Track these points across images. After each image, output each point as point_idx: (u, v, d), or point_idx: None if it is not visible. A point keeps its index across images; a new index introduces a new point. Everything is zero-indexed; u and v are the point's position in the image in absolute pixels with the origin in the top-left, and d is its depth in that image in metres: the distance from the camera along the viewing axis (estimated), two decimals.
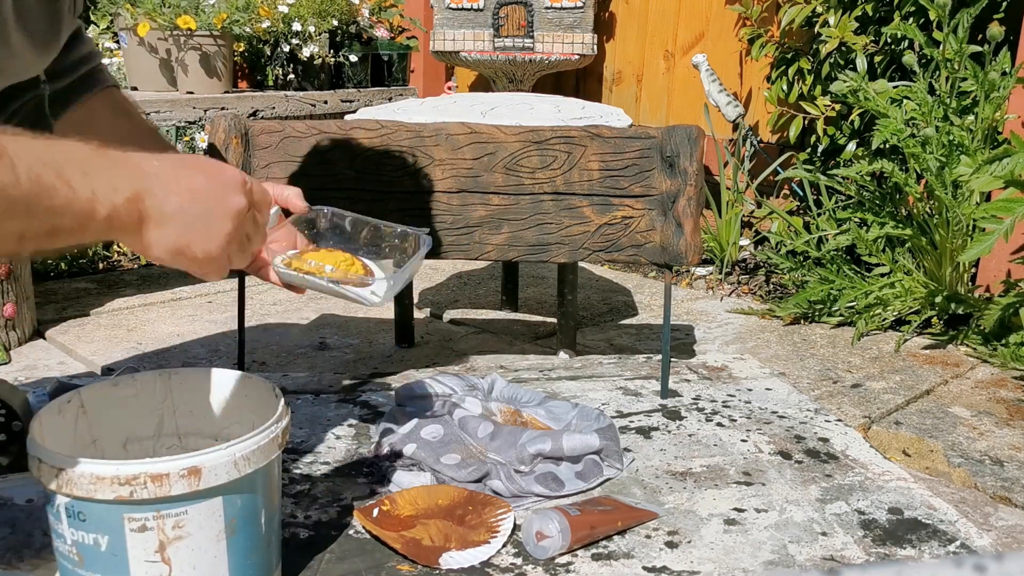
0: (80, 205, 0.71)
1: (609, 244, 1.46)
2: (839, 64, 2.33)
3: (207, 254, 0.81)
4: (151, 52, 2.63)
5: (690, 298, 2.27)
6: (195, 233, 0.79)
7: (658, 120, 3.15)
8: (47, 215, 0.69)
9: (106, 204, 0.72)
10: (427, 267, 2.49)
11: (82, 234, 0.73)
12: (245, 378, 1.02)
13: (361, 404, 1.46)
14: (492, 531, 1.06)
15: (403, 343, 1.87)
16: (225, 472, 0.83)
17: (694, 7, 2.99)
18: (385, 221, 1.10)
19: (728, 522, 1.13)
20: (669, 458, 1.30)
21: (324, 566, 1.02)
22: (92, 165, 0.73)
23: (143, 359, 1.76)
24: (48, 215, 0.69)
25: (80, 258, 2.40)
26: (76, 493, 0.80)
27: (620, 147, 1.44)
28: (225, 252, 0.82)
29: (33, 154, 0.68)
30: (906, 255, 2.04)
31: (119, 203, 0.73)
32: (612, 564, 1.04)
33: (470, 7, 2.91)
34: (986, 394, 1.61)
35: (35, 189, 0.67)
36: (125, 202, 0.74)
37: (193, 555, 0.84)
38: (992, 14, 2.05)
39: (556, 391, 1.53)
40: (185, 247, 0.79)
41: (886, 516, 1.16)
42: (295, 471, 1.24)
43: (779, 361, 1.79)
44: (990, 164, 1.58)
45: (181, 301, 2.15)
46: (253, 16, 2.70)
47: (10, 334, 1.79)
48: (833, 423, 1.44)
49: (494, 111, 1.65)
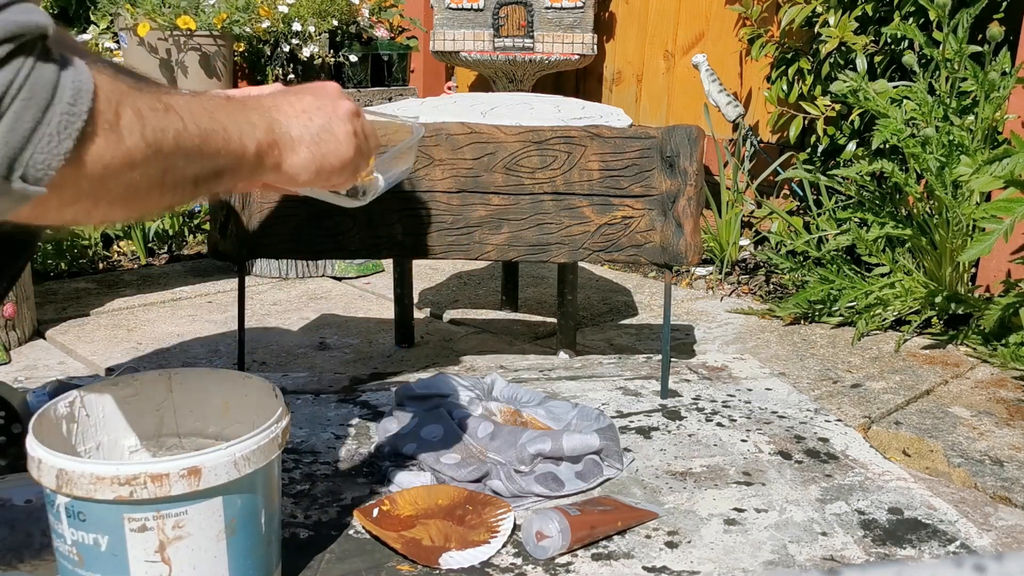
0: (234, 145, 0.77)
1: (609, 244, 1.46)
2: (839, 64, 2.33)
3: (342, 159, 0.87)
4: (151, 52, 2.63)
5: (690, 298, 2.27)
6: (325, 145, 0.85)
7: (658, 120, 3.15)
8: (213, 157, 0.75)
9: (252, 141, 0.79)
10: (427, 267, 2.49)
11: (238, 173, 0.79)
12: (245, 378, 1.02)
13: (361, 404, 1.46)
14: (492, 531, 1.06)
15: (403, 343, 1.87)
16: (225, 472, 0.83)
17: (694, 7, 2.99)
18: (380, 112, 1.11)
19: (728, 522, 1.13)
20: (669, 458, 1.30)
21: (324, 566, 1.02)
22: (229, 109, 0.78)
23: (143, 359, 1.76)
24: (214, 157, 0.75)
25: (80, 258, 2.40)
26: (76, 493, 0.80)
27: (620, 147, 1.44)
28: (355, 152, 0.88)
29: (190, 104, 0.74)
30: (906, 255, 2.04)
31: (260, 138, 0.80)
32: (612, 564, 1.04)
33: (470, 7, 2.91)
34: (986, 394, 1.61)
35: (201, 134, 0.73)
36: (264, 136, 0.80)
37: (193, 555, 0.84)
38: (992, 14, 2.05)
39: (556, 391, 1.52)
40: (322, 161, 0.85)
41: (886, 516, 1.16)
42: (295, 471, 1.24)
43: (779, 361, 1.79)
44: (990, 164, 1.58)
45: (181, 301, 2.15)
46: (253, 16, 2.70)
47: (10, 334, 1.79)
48: (833, 423, 1.44)
49: (494, 111, 1.65)
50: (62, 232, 2.32)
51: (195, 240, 2.65)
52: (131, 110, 0.67)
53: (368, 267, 2.40)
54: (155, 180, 0.70)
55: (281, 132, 0.82)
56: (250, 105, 0.82)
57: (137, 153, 0.67)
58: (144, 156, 0.68)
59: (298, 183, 0.86)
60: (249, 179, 0.82)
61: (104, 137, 0.64)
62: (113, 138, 0.65)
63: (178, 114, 0.71)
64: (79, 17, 3.44)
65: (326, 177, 0.87)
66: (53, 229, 1.83)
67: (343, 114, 0.88)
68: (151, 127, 0.68)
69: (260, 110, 0.82)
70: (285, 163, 0.83)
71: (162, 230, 2.56)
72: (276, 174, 0.83)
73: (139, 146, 0.67)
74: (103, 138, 0.64)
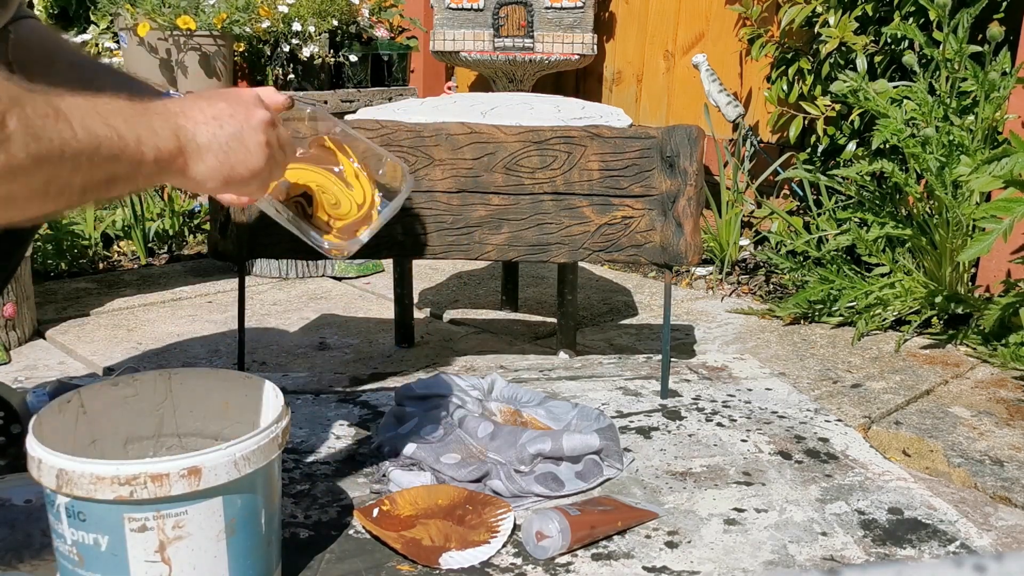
0: (130, 152, 0.75)
1: (609, 244, 1.46)
2: (839, 64, 2.33)
3: (251, 170, 0.85)
4: (151, 52, 2.63)
5: (690, 298, 2.27)
6: (234, 154, 0.84)
7: (658, 120, 3.15)
8: (104, 164, 0.73)
9: (151, 147, 0.77)
10: (427, 267, 2.49)
11: (135, 179, 0.77)
12: (245, 378, 1.02)
13: (361, 404, 1.46)
14: (492, 531, 1.06)
15: (403, 343, 1.87)
16: (225, 472, 0.83)
17: (694, 7, 2.99)
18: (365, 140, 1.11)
19: (728, 522, 1.13)
20: (669, 458, 1.30)
21: (324, 566, 1.02)
22: (130, 114, 0.76)
23: (143, 359, 1.76)
24: (105, 164, 0.73)
25: (80, 258, 2.40)
26: (76, 493, 0.80)
27: (620, 147, 1.44)
28: (267, 163, 0.87)
29: (82, 109, 0.72)
30: (906, 255, 2.04)
31: (161, 145, 0.78)
32: (612, 564, 1.04)
33: (470, 7, 2.91)
34: (986, 394, 1.61)
35: (92, 141, 0.71)
36: (166, 142, 0.78)
37: (193, 555, 0.84)
38: (992, 14, 2.05)
39: (556, 391, 1.52)
40: (230, 171, 0.84)
41: (886, 516, 1.16)
42: (295, 471, 1.24)
43: (779, 361, 1.79)
44: (990, 164, 1.58)
45: (181, 301, 2.15)
46: (253, 16, 2.70)
47: (10, 334, 1.79)
48: (833, 423, 1.44)
49: (494, 111, 1.65)
50: (58, 224, 2.32)
51: (195, 240, 2.65)
52: (16, 118, 0.65)
53: (368, 267, 2.40)
54: (37, 189, 0.69)
55: (187, 139, 0.80)
56: (154, 110, 0.80)
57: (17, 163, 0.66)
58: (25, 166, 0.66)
59: (205, 189, 0.85)
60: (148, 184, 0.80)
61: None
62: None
63: (68, 121, 0.70)
64: (79, 17, 3.44)
65: (235, 186, 0.86)
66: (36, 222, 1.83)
67: (256, 123, 0.86)
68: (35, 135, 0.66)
69: (165, 115, 0.80)
70: (191, 170, 0.81)
71: (162, 230, 2.56)
72: (182, 179, 0.82)
73: (19, 156, 0.66)
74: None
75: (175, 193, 2.59)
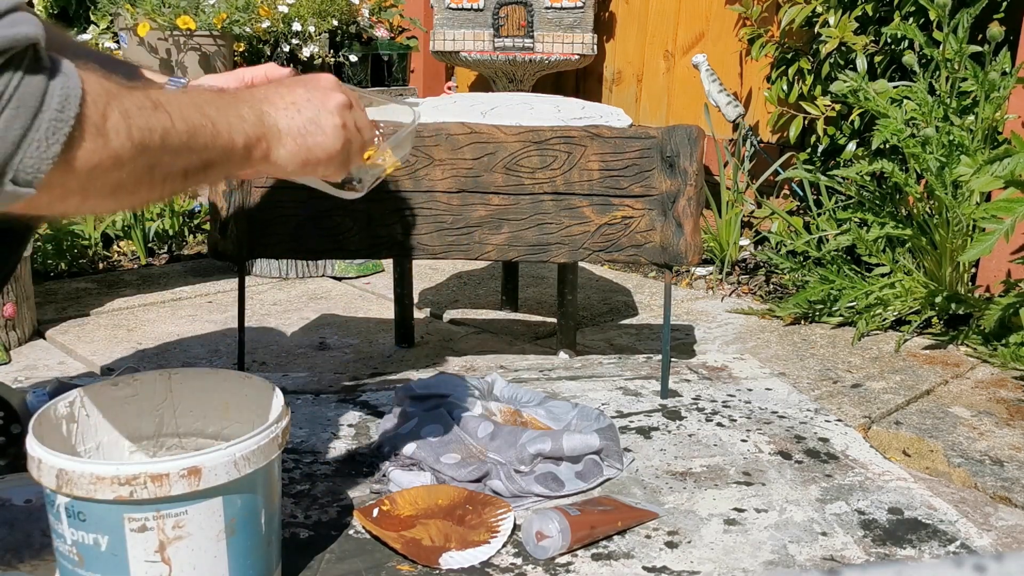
0: (223, 139, 0.79)
1: (609, 244, 1.46)
2: (839, 64, 2.33)
3: (328, 153, 0.88)
4: (151, 52, 2.63)
5: (690, 298, 2.27)
6: (312, 138, 0.87)
7: (658, 120, 3.15)
8: (201, 151, 0.77)
9: (240, 134, 0.81)
10: (427, 267, 2.49)
11: (228, 165, 0.81)
12: (245, 378, 1.02)
13: (361, 404, 1.46)
14: (492, 531, 1.06)
15: (403, 343, 1.87)
16: (225, 472, 0.83)
17: (694, 7, 2.99)
18: (378, 96, 1.11)
19: (728, 522, 1.13)
20: (669, 458, 1.30)
21: (324, 566, 1.02)
22: (219, 103, 0.81)
23: (143, 359, 1.76)
24: (202, 151, 0.77)
25: (80, 258, 2.40)
26: (76, 493, 0.80)
27: (620, 147, 1.44)
28: (343, 145, 0.90)
29: (178, 101, 0.76)
30: (906, 255, 2.04)
31: (249, 131, 0.82)
32: (612, 564, 1.04)
33: (470, 7, 2.91)
34: (986, 394, 1.61)
35: (189, 130, 0.75)
36: (253, 128, 0.82)
37: (193, 555, 0.84)
38: (992, 14, 2.05)
39: (556, 391, 1.52)
40: (308, 154, 0.87)
41: (886, 516, 1.16)
42: (295, 471, 1.24)
43: (779, 361, 1.79)
44: (990, 164, 1.58)
45: (181, 301, 2.15)
46: (253, 16, 2.70)
47: (10, 334, 1.79)
48: (833, 423, 1.44)
49: (494, 111, 1.65)
50: (58, 225, 2.32)
51: (195, 240, 2.65)
52: (118, 111, 0.69)
53: (368, 267, 2.40)
54: (143, 175, 0.72)
55: (270, 124, 0.84)
56: (242, 98, 0.84)
57: (124, 153, 0.70)
58: (131, 155, 0.70)
59: (286, 173, 0.89)
60: (239, 169, 0.84)
61: (91, 140, 0.67)
62: (100, 140, 0.68)
63: (167, 111, 0.73)
64: (79, 17, 3.44)
65: (313, 168, 0.89)
66: (46, 220, 1.85)
67: (333, 107, 0.89)
68: (138, 127, 0.70)
69: (251, 102, 0.84)
70: (272, 154, 0.85)
71: (162, 230, 2.56)
72: (265, 165, 0.86)
73: (125, 146, 0.70)
74: (90, 141, 0.67)
75: None
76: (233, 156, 0.81)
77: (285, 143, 0.85)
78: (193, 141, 0.76)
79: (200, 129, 0.77)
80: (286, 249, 1.46)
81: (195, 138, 0.76)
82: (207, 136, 0.77)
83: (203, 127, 0.77)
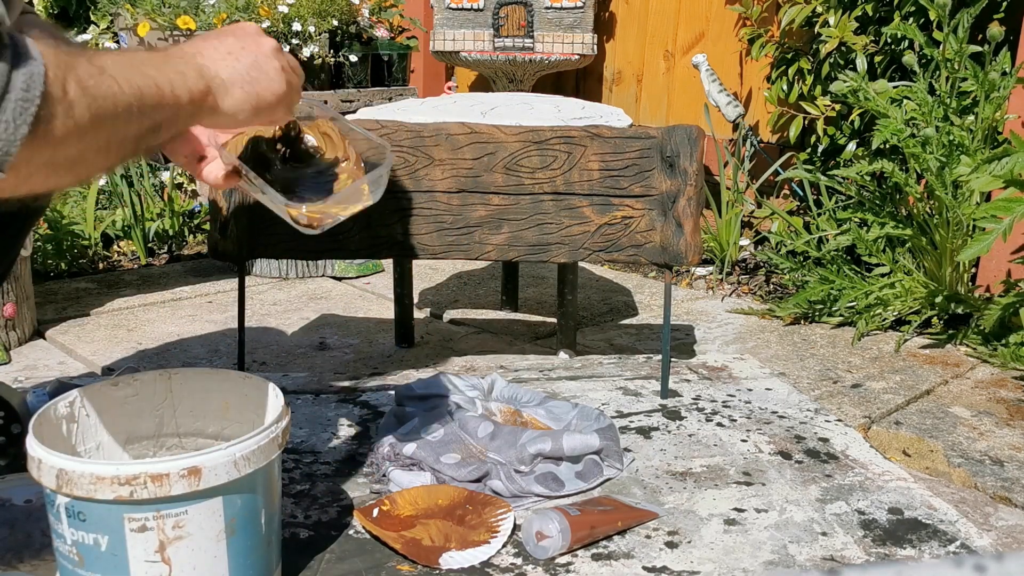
0: (168, 97, 0.78)
1: (609, 244, 1.46)
2: (839, 64, 2.33)
3: (276, 94, 0.88)
4: None
5: (690, 298, 2.27)
6: (258, 83, 0.87)
7: (658, 120, 3.15)
8: (151, 112, 0.76)
9: (183, 89, 0.80)
10: (427, 267, 2.49)
11: (176, 122, 0.81)
12: (245, 378, 1.02)
13: (361, 404, 1.46)
14: (492, 531, 1.06)
15: (403, 343, 1.87)
16: (225, 472, 0.83)
17: (694, 7, 2.99)
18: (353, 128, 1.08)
19: (728, 522, 1.13)
20: (669, 458, 1.30)
21: (324, 566, 1.02)
22: (157, 62, 0.79)
23: (143, 359, 1.76)
24: (151, 112, 0.76)
25: (80, 258, 2.40)
26: (76, 493, 0.80)
27: (620, 147, 1.44)
28: (288, 85, 0.89)
29: (120, 64, 0.75)
30: (906, 255, 2.04)
31: (192, 86, 0.81)
32: (612, 564, 1.04)
33: (470, 7, 2.91)
34: (986, 394, 1.61)
35: (136, 92, 0.74)
36: (195, 83, 0.81)
37: (193, 555, 0.84)
38: (992, 14, 2.05)
39: (556, 391, 1.52)
40: (257, 98, 0.87)
41: (886, 516, 1.16)
42: (295, 471, 1.24)
43: (779, 361, 1.79)
44: (990, 164, 1.58)
45: (181, 301, 2.15)
46: (253, 16, 2.70)
47: (10, 334, 1.79)
48: (833, 423, 1.44)
49: (494, 111, 1.65)
50: (58, 225, 2.32)
51: (195, 240, 2.65)
52: (75, 83, 0.69)
53: (368, 267, 2.40)
54: (101, 145, 0.72)
55: (211, 76, 0.83)
56: (174, 55, 0.83)
57: (83, 123, 0.69)
58: (91, 124, 0.70)
59: (237, 122, 0.88)
60: (188, 125, 0.84)
61: (56, 116, 0.67)
62: (63, 114, 0.68)
63: (112, 76, 0.73)
64: (79, 17, 3.44)
65: (265, 113, 0.89)
66: (42, 214, 1.84)
67: (268, 51, 0.88)
68: (92, 95, 0.70)
69: (184, 58, 0.83)
70: (222, 105, 0.84)
71: (162, 230, 2.56)
72: (214, 116, 0.85)
73: (84, 117, 0.69)
74: (56, 117, 0.67)
75: (175, 193, 2.59)
76: (180, 113, 0.80)
77: (232, 92, 0.85)
78: (141, 103, 0.75)
79: (146, 90, 0.75)
80: (286, 249, 1.46)
81: (143, 100, 0.75)
82: (154, 96, 0.76)
83: (148, 87, 0.76)
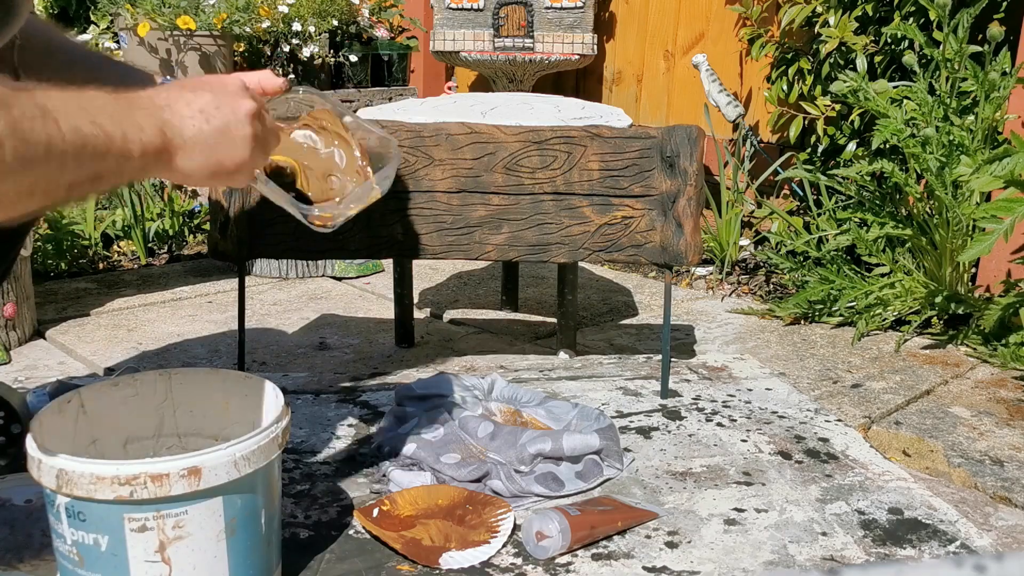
0: (116, 148, 0.75)
1: (609, 244, 1.46)
2: (839, 64, 2.33)
3: (237, 163, 0.85)
4: (151, 52, 2.63)
5: (690, 298, 2.27)
6: (221, 149, 0.83)
7: (658, 120, 3.15)
8: (91, 162, 0.73)
9: (137, 143, 0.76)
10: (427, 267, 2.49)
11: (121, 175, 0.77)
12: (245, 378, 1.02)
13: (361, 404, 1.46)
14: (492, 531, 1.06)
15: (403, 343, 1.87)
16: (225, 472, 0.83)
17: (694, 7, 2.99)
18: (358, 121, 1.08)
19: (728, 522, 1.13)
20: (669, 458, 1.30)
21: (324, 566, 1.02)
22: (115, 109, 0.76)
23: (143, 359, 1.76)
24: (92, 162, 0.73)
25: (80, 258, 2.40)
26: (76, 493, 0.80)
27: (620, 147, 1.44)
28: (252, 155, 0.86)
29: (68, 107, 0.72)
30: (906, 255, 2.04)
31: (147, 140, 0.77)
32: (612, 564, 1.04)
33: (470, 7, 2.91)
34: (986, 394, 1.61)
35: (78, 140, 0.71)
36: (152, 138, 0.78)
37: (193, 555, 0.84)
38: (992, 14, 2.05)
39: (556, 391, 1.52)
40: (217, 165, 0.84)
41: (886, 516, 1.16)
42: (295, 471, 1.24)
43: (779, 361, 1.79)
44: (990, 164, 1.58)
45: (181, 301, 2.15)
46: (253, 16, 2.70)
47: (10, 334, 1.79)
48: (833, 423, 1.44)
49: (494, 111, 1.65)
50: (58, 225, 2.32)
51: (195, 240, 2.65)
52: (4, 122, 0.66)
53: (368, 267, 2.40)
54: (23, 190, 0.69)
55: (174, 134, 0.80)
56: (139, 104, 0.79)
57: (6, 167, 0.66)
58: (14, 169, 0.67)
59: (191, 182, 0.86)
60: (135, 178, 0.81)
61: None
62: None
63: (55, 120, 0.70)
64: (79, 17, 3.44)
65: (223, 179, 0.86)
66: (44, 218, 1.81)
67: (243, 115, 0.85)
68: (22, 138, 0.67)
69: (150, 109, 0.79)
70: (177, 164, 0.81)
71: (162, 230, 2.56)
72: (168, 173, 0.82)
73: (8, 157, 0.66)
74: None
75: (175, 193, 2.59)
76: (127, 166, 0.76)
77: (191, 154, 0.81)
78: (82, 152, 0.71)
79: (91, 139, 0.72)
80: (286, 249, 1.46)
81: (84, 149, 0.72)
82: (99, 146, 0.73)
83: (94, 136, 0.72)
